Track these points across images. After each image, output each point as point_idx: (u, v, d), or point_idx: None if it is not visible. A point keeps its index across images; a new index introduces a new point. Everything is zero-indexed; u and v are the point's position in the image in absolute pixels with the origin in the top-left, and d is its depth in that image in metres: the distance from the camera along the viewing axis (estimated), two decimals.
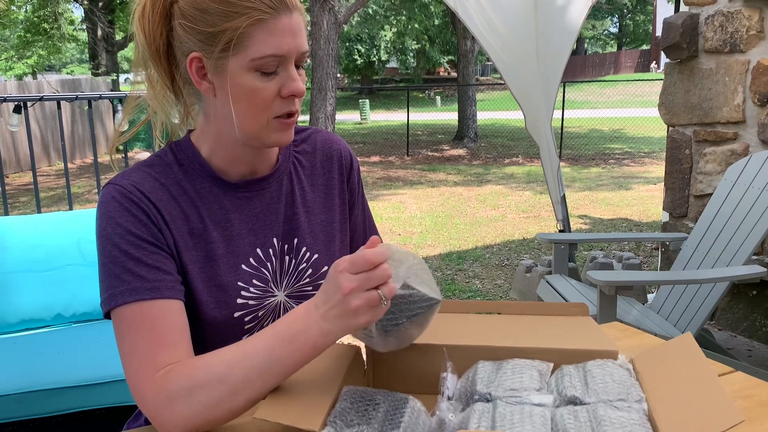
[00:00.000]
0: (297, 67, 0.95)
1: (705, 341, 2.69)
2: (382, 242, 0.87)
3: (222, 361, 0.85)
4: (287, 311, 1.06)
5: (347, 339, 0.91)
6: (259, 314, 1.03)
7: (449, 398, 0.85)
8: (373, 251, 0.82)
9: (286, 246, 1.06)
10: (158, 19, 0.94)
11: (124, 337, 0.89)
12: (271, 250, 1.04)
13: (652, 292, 3.71)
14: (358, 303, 0.80)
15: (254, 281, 1.02)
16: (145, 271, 0.90)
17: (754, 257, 3.05)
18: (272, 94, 0.93)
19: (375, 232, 1.21)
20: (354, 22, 20.96)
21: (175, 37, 0.95)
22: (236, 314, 1.00)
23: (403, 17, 20.92)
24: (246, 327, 1.02)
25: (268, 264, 1.04)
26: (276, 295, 1.04)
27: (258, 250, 1.03)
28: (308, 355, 0.85)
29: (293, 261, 1.06)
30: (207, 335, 0.99)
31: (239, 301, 1.00)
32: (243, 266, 1.01)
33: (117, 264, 0.90)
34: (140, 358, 0.87)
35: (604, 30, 38.83)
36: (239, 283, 1.00)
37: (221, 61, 0.91)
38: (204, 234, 0.99)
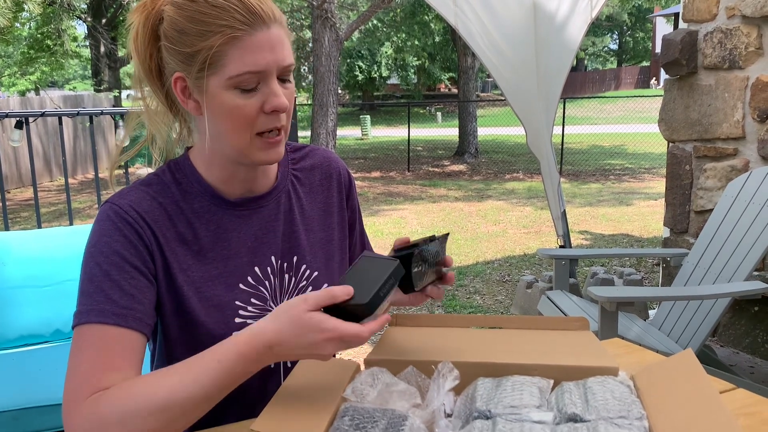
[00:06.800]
0: (284, 80, 0.94)
1: (707, 358, 2.67)
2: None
3: (158, 390, 0.82)
4: None
5: (347, 354, 0.91)
6: None
7: (448, 415, 0.85)
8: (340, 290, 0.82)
9: (285, 264, 1.05)
10: (148, 41, 0.95)
11: (74, 355, 0.87)
12: (269, 269, 1.03)
13: (654, 308, 3.69)
14: (332, 350, 0.81)
15: (252, 300, 1.01)
16: (118, 295, 0.89)
17: (756, 273, 3.04)
18: (254, 110, 0.92)
19: (369, 249, 1.22)
20: (354, 38, 21.08)
21: (162, 58, 0.95)
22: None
23: (403, 34, 21.02)
24: None
25: (267, 282, 1.03)
26: None
27: (256, 269, 1.02)
28: (247, 378, 0.86)
29: (293, 279, 1.06)
30: None
31: (237, 320, 0.99)
32: (241, 285, 1.00)
33: (94, 282, 0.89)
34: (81, 377, 0.85)
35: (604, 47, 39.05)
36: (237, 303, 0.99)
37: (200, 81, 0.91)
38: (200, 254, 0.98)
